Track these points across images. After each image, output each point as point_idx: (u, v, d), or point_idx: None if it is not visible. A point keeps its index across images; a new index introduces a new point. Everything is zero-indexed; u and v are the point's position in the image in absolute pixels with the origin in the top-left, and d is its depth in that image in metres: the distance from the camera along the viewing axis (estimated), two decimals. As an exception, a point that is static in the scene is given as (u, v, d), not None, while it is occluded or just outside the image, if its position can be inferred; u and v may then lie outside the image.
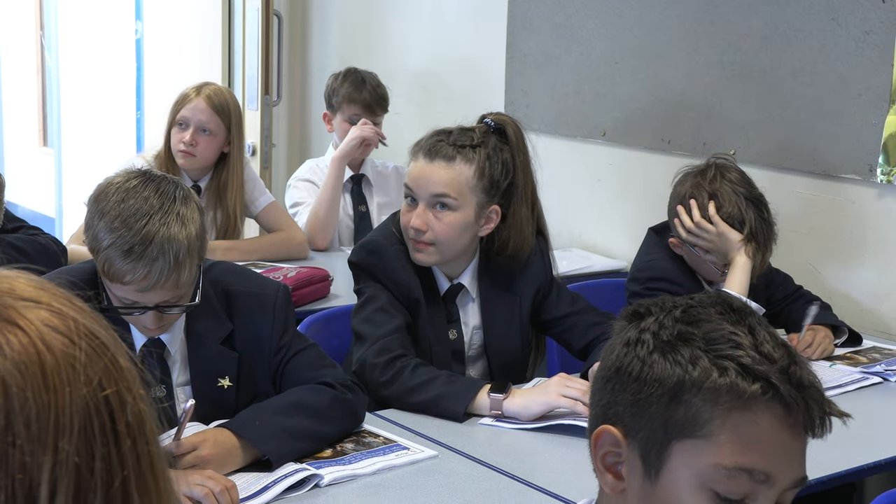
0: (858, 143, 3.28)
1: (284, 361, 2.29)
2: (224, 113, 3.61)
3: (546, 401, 2.35)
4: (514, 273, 2.76)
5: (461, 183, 2.59)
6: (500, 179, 2.64)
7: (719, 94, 3.64)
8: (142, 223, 2.03)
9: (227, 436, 2.07)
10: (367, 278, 2.63)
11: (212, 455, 2.01)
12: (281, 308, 2.30)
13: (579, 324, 2.78)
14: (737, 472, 1.18)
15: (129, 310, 2.11)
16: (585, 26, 4.04)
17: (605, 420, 1.25)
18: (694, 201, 2.92)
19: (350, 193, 4.13)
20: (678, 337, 1.21)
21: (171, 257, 2.04)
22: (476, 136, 2.63)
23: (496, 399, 2.37)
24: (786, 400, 1.17)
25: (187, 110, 3.60)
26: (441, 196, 2.59)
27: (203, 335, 2.24)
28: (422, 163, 2.61)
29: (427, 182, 2.59)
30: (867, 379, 2.76)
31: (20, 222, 3.40)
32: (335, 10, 5.30)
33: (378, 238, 2.68)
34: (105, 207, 2.07)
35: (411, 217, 2.60)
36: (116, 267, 2.04)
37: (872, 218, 3.30)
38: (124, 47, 6.96)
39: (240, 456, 2.06)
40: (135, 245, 2.02)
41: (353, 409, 2.28)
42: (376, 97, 4.11)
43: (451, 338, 2.69)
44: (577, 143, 4.14)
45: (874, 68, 3.22)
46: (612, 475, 1.26)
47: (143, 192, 2.07)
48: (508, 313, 2.76)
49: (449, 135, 2.63)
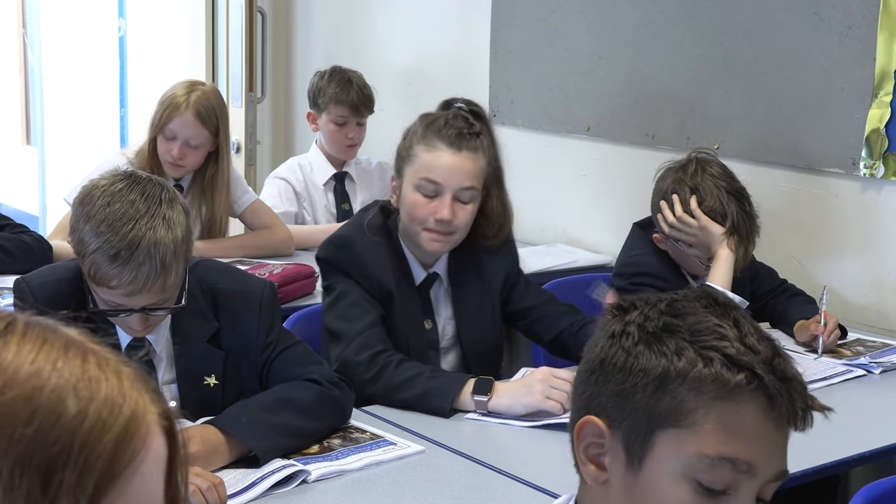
0: (841, 136, 3.29)
1: (271, 359, 2.28)
2: (211, 121, 3.56)
3: (530, 403, 2.34)
4: (482, 260, 2.74)
5: (481, 173, 2.60)
6: (494, 165, 2.66)
7: (703, 88, 3.65)
8: (128, 227, 2.02)
9: (213, 432, 2.06)
10: (336, 274, 2.60)
11: (199, 452, 2.01)
12: (267, 306, 2.29)
13: (548, 314, 2.78)
14: (720, 461, 1.18)
15: (115, 312, 2.11)
16: (569, 21, 4.05)
17: (588, 411, 1.25)
18: (676, 196, 2.93)
19: (333, 192, 4.13)
20: (663, 328, 1.21)
21: (158, 261, 2.03)
22: (476, 123, 2.62)
23: (480, 402, 2.37)
24: (770, 391, 1.18)
25: (176, 124, 3.54)
26: (469, 189, 2.58)
27: (189, 334, 2.23)
28: (447, 153, 2.55)
29: (459, 174, 2.56)
30: (851, 371, 2.78)
31: (6, 220, 3.40)
32: (319, 7, 5.30)
33: (347, 233, 2.65)
34: (91, 211, 2.05)
35: (434, 209, 2.55)
36: (103, 271, 2.03)
37: (855, 211, 3.32)
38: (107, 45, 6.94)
39: (226, 452, 2.06)
40: (121, 250, 2.01)
41: (340, 405, 2.28)
42: (363, 98, 4.10)
43: (427, 328, 2.68)
44: (561, 139, 4.15)
45: (856, 62, 3.24)
46: (594, 466, 1.26)
47: (129, 195, 2.06)
48: (479, 300, 2.74)
49: (462, 122, 2.60)
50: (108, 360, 0.78)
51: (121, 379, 0.77)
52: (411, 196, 2.58)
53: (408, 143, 2.61)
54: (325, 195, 4.11)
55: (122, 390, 0.76)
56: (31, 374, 0.73)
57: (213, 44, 5.51)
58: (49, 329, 0.78)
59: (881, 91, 3.19)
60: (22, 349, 0.75)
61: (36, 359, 0.74)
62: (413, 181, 2.57)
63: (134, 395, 0.77)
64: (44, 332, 0.77)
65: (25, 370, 0.73)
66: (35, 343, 0.76)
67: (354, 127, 4.09)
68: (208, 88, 3.69)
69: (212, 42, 5.51)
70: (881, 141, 3.19)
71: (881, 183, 3.24)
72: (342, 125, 4.08)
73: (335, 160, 4.14)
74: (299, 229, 3.94)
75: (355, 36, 5.07)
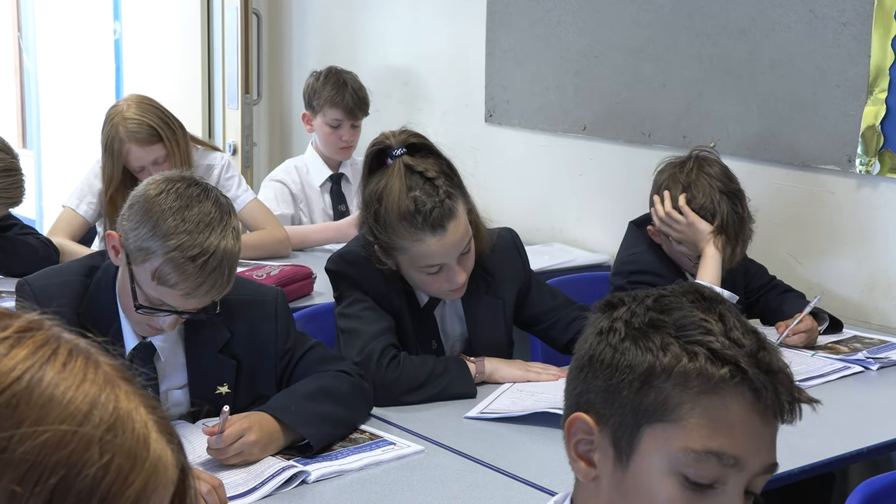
0: (837, 133, 3.30)
1: (293, 364, 2.32)
2: (157, 136, 3.49)
3: (515, 375, 2.61)
4: (491, 275, 2.70)
5: (467, 222, 2.54)
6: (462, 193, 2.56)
7: (698, 86, 3.65)
8: (206, 234, 2.04)
9: (269, 420, 2.12)
10: (347, 286, 2.61)
11: (259, 439, 2.08)
12: (283, 313, 2.33)
13: (562, 319, 2.78)
14: (706, 455, 1.18)
15: (155, 310, 2.11)
16: (564, 21, 4.05)
17: (578, 408, 1.26)
18: (668, 192, 2.96)
19: (329, 193, 4.13)
20: (649, 324, 1.22)
21: (227, 270, 2.07)
22: (432, 173, 2.47)
23: (478, 363, 2.60)
24: (755, 384, 1.18)
25: (132, 160, 3.49)
26: (467, 243, 2.54)
27: (201, 344, 2.25)
28: (435, 239, 2.45)
29: (456, 245, 2.49)
30: (849, 368, 2.79)
31: (14, 220, 3.41)
32: (314, 8, 5.30)
33: (357, 249, 2.61)
34: (164, 211, 2.05)
35: (446, 278, 2.51)
36: (172, 273, 2.03)
37: (851, 208, 3.32)
38: (103, 48, 6.93)
39: (281, 439, 2.14)
40: (197, 255, 2.02)
41: (368, 396, 2.36)
42: (357, 101, 4.10)
43: (433, 347, 2.67)
44: (557, 138, 4.15)
45: (851, 60, 3.24)
46: (584, 462, 1.27)
47: (205, 202, 2.08)
48: (493, 317, 2.72)
49: (426, 196, 2.44)
50: (140, 403, 0.78)
51: (148, 428, 0.77)
52: (417, 276, 2.54)
53: (382, 227, 2.48)
54: (322, 197, 4.12)
55: (148, 442, 0.76)
56: (66, 416, 0.73)
57: (208, 46, 5.51)
58: (91, 361, 0.77)
59: (876, 88, 3.19)
60: (61, 383, 0.74)
61: (74, 397, 0.74)
62: (413, 266, 2.52)
63: (157, 449, 0.77)
64: (85, 364, 0.76)
65: (61, 410, 0.73)
66: (75, 378, 0.75)
67: (349, 129, 4.09)
68: (138, 114, 3.53)
69: (207, 44, 5.51)
70: (877, 138, 3.20)
71: (877, 180, 3.25)
72: (336, 127, 4.08)
73: (331, 161, 4.14)
74: (295, 229, 3.94)
75: (351, 37, 5.07)
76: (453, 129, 4.49)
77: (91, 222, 3.68)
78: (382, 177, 2.49)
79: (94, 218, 3.67)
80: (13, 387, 0.72)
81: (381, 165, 2.52)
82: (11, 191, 3.21)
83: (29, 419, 0.71)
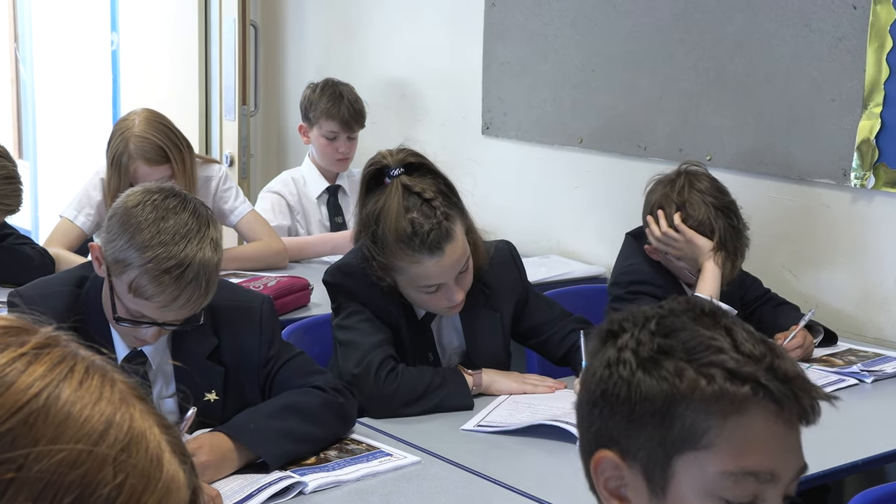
0: (832, 147, 3.31)
1: (274, 372, 2.30)
2: (165, 157, 3.48)
3: (511, 387, 2.61)
4: (489, 287, 2.70)
5: (465, 241, 2.54)
6: (461, 214, 2.57)
7: (695, 100, 3.67)
8: (181, 246, 2.03)
9: (221, 440, 2.08)
10: (345, 298, 2.61)
11: (209, 461, 2.03)
12: (267, 320, 2.31)
13: (558, 332, 2.78)
14: (743, 476, 1.18)
15: (136, 322, 2.11)
16: (562, 34, 4.07)
17: (599, 445, 1.23)
18: (661, 211, 2.96)
19: (326, 205, 4.14)
20: (658, 351, 1.20)
21: (204, 282, 2.05)
22: (430, 194, 2.48)
23: (476, 375, 2.60)
24: (776, 396, 1.17)
25: (138, 177, 3.44)
26: (465, 265, 2.54)
27: (189, 351, 2.24)
28: (433, 261, 2.46)
29: (454, 265, 2.50)
30: (843, 381, 2.80)
31: (10, 230, 3.41)
32: (312, 20, 5.31)
33: (354, 261, 2.61)
34: (140, 223, 2.04)
35: (444, 296, 2.52)
36: (148, 285, 2.03)
37: (846, 222, 3.34)
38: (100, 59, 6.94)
39: (235, 459, 2.08)
40: (172, 267, 2.01)
41: (344, 412, 2.30)
42: (353, 113, 4.11)
43: (429, 360, 2.68)
44: (554, 151, 4.17)
45: (847, 74, 3.26)
46: (617, 500, 1.24)
47: (182, 213, 2.06)
48: (491, 330, 2.73)
49: (424, 217, 2.45)
50: (154, 423, 0.78)
51: (161, 448, 0.76)
52: (415, 295, 2.55)
53: (380, 248, 2.49)
54: (319, 208, 4.12)
55: (161, 462, 0.76)
56: (82, 436, 0.72)
57: (205, 57, 5.51)
58: (107, 379, 0.77)
59: (871, 102, 3.21)
60: (78, 401, 0.74)
61: (90, 416, 0.73)
62: (411, 286, 2.53)
63: (171, 469, 0.76)
64: (101, 382, 0.76)
65: (77, 429, 0.72)
66: (91, 397, 0.75)
67: (345, 141, 4.10)
68: (148, 132, 3.49)
69: (205, 55, 5.52)
70: (871, 152, 3.21)
71: (872, 193, 3.26)
72: (333, 139, 4.09)
73: (328, 173, 4.15)
74: (292, 241, 3.94)
75: (348, 49, 5.08)
76: (450, 141, 4.50)
77: (88, 234, 3.68)
78: (380, 197, 2.49)
79: (91, 229, 3.67)
80: (31, 404, 0.71)
81: (378, 184, 2.52)
82: (11, 198, 3.21)
83: (45, 437, 0.71)
